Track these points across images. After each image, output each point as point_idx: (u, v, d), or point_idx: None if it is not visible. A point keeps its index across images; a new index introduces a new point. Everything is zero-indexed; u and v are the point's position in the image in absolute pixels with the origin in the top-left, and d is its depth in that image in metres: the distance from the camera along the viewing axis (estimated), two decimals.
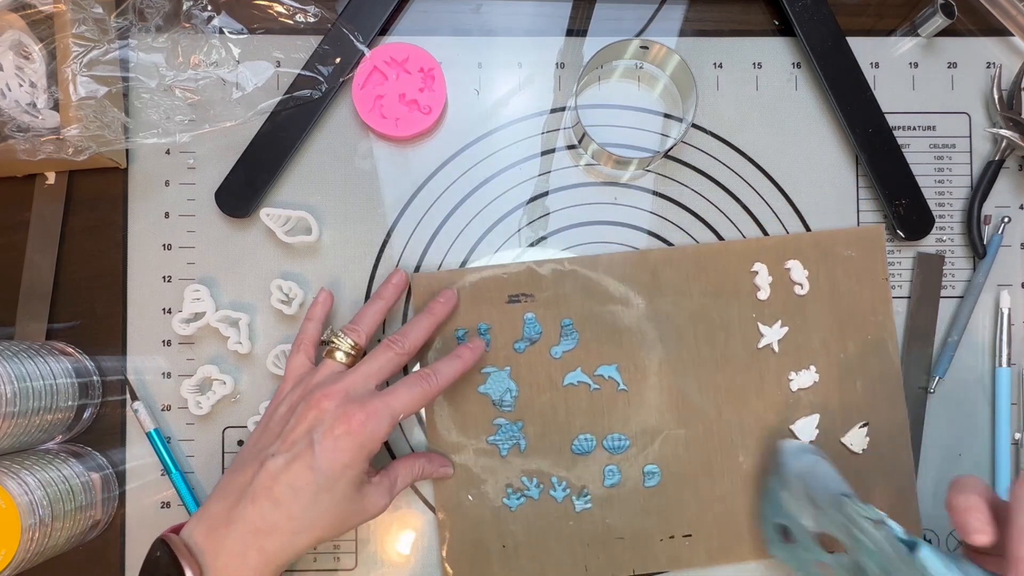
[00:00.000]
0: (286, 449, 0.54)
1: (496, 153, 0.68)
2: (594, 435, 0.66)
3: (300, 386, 0.58)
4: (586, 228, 0.69)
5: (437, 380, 0.58)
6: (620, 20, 0.69)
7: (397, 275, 0.65)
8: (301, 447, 0.54)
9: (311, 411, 0.55)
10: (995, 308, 0.69)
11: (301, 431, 0.55)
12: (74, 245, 0.67)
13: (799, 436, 0.66)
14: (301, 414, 0.55)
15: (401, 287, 0.65)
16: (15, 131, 0.62)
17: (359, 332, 0.60)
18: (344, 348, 0.59)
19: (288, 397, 0.58)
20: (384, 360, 0.58)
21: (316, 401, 0.55)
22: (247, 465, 0.55)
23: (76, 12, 0.61)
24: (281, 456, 0.54)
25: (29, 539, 0.56)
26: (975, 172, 0.70)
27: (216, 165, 0.67)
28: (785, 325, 0.67)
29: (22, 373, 0.58)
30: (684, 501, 0.66)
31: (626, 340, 0.66)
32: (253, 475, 0.54)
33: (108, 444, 0.66)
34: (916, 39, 0.70)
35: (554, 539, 0.66)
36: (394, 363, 0.59)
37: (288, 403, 0.57)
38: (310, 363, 0.60)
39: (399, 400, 0.56)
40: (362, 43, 0.66)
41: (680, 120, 0.69)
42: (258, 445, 0.56)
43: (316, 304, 0.63)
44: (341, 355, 0.59)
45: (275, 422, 0.57)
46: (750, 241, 0.68)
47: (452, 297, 0.65)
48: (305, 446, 0.54)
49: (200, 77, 0.66)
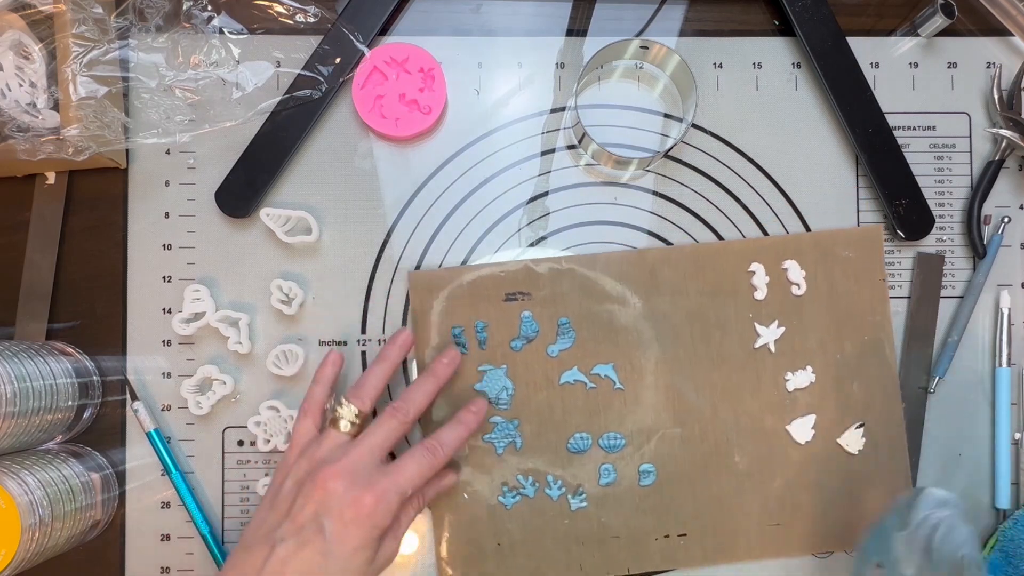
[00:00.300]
0: (294, 532, 0.54)
1: (496, 153, 0.69)
2: (590, 434, 0.66)
3: (304, 458, 0.57)
4: (586, 228, 0.69)
5: (443, 452, 0.58)
6: (620, 20, 0.69)
7: (403, 335, 0.63)
8: (310, 532, 0.54)
9: (317, 491, 0.54)
10: (995, 308, 0.69)
11: (309, 513, 0.54)
12: (74, 245, 0.67)
13: (795, 436, 0.66)
14: (308, 493, 0.55)
15: (407, 347, 0.63)
16: (15, 131, 0.62)
17: (363, 400, 0.59)
18: (348, 418, 0.59)
19: (294, 471, 0.57)
20: (388, 430, 0.58)
21: (322, 481, 0.55)
22: (256, 547, 0.54)
23: (76, 12, 0.61)
24: (291, 540, 0.53)
25: (29, 539, 0.56)
26: (975, 172, 0.70)
27: (216, 165, 0.67)
28: (782, 325, 0.67)
29: (22, 373, 0.58)
30: (679, 500, 0.66)
31: (623, 339, 0.66)
32: (264, 560, 0.53)
33: (108, 444, 0.66)
34: (916, 39, 0.70)
35: (549, 538, 0.66)
36: (398, 432, 0.58)
37: (294, 478, 0.56)
38: (316, 430, 0.60)
39: (406, 478, 0.56)
40: (362, 43, 0.66)
41: (680, 120, 0.69)
42: (266, 524, 0.55)
43: (325, 366, 0.62)
44: (345, 424, 0.58)
45: (281, 499, 0.56)
46: (748, 241, 0.68)
47: (456, 357, 0.64)
48: (314, 531, 0.54)
49: (200, 77, 0.66)
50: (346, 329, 0.67)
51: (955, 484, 0.68)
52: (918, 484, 0.67)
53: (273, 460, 0.67)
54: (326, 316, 0.67)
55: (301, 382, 0.67)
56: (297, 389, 0.67)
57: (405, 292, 0.68)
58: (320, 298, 0.67)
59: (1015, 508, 0.67)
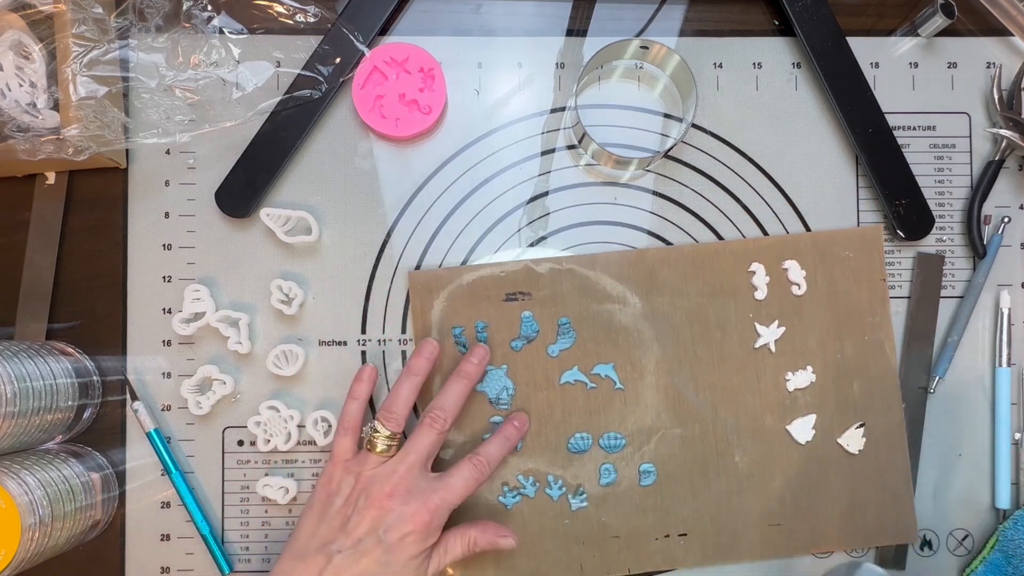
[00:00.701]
0: (352, 545, 0.57)
1: (496, 153, 0.69)
2: (590, 434, 0.66)
3: (351, 476, 0.59)
4: (586, 228, 0.69)
5: (489, 468, 0.61)
6: (620, 20, 0.69)
7: (429, 347, 0.63)
8: (369, 544, 0.57)
9: (372, 509, 0.57)
10: (995, 308, 0.69)
11: (365, 528, 0.57)
12: (74, 245, 0.67)
13: (795, 436, 0.66)
14: (362, 511, 0.57)
15: (434, 359, 0.64)
16: (15, 131, 0.62)
17: (396, 421, 0.60)
18: (384, 441, 0.60)
19: (342, 489, 0.59)
20: (428, 442, 0.60)
21: (377, 500, 0.58)
22: (310, 557, 0.57)
23: (76, 12, 0.61)
24: (349, 552, 0.56)
25: (29, 539, 0.56)
26: (975, 172, 0.70)
27: (216, 165, 0.67)
28: (782, 325, 0.67)
29: (22, 373, 0.58)
30: (680, 500, 0.66)
31: (623, 339, 0.67)
32: (320, 570, 0.56)
33: (108, 444, 0.66)
34: (916, 39, 0.70)
35: (550, 538, 0.66)
36: (438, 442, 0.61)
37: (343, 496, 0.59)
38: (356, 447, 0.61)
39: (455, 493, 0.59)
40: (362, 43, 0.66)
41: (680, 120, 0.69)
42: (318, 536, 0.58)
43: (361, 382, 0.62)
44: (382, 446, 0.60)
45: (332, 515, 0.58)
46: (748, 241, 0.68)
47: (485, 356, 0.64)
48: (373, 543, 0.57)
49: (200, 77, 0.66)
50: (346, 329, 0.67)
51: (955, 484, 0.68)
52: (918, 484, 0.67)
53: (273, 460, 0.67)
54: (326, 316, 0.67)
55: (301, 382, 0.67)
56: (297, 389, 0.67)
57: (405, 292, 0.68)
58: (320, 298, 0.67)
59: (1015, 508, 0.67)
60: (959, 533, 0.68)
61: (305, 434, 0.66)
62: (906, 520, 0.67)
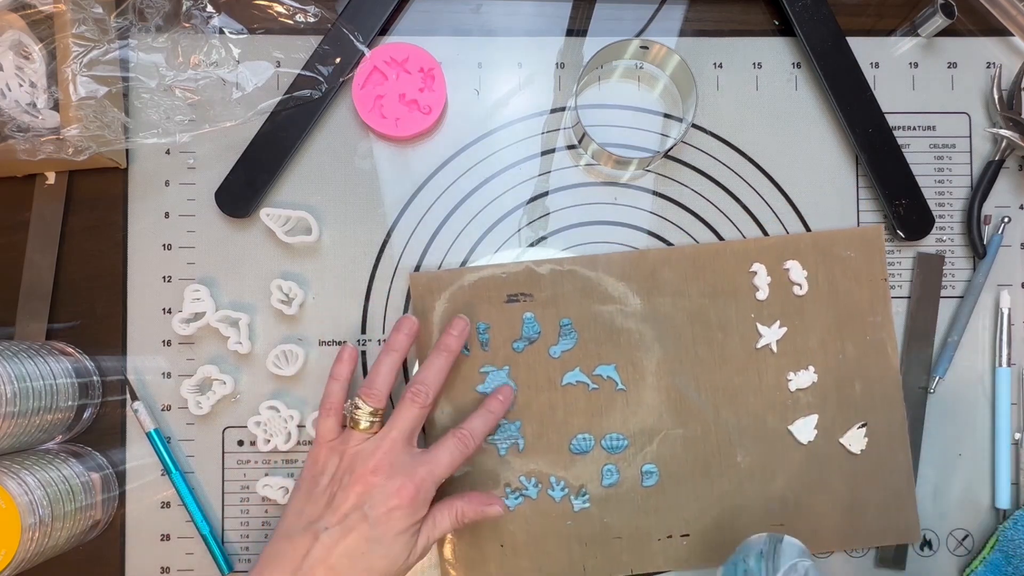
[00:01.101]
0: (338, 521, 0.56)
1: (496, 153, 0.68)
2: (592, 435, 0.66)
3: (336, 455, 0.59)
4: (586, 228, 0.69)
5: (473, 442, 0.61)
6: (620, 20, 0.69)
7: (408, 322, 0.63)
8: (355, 519, 0.56)
9: (357, 485, 0.57)
10: (995, 308, 0.69)
11: (351, 504, 0.57)
12: (74, 245, 0.67)
13: (797, 436, 0.66)
14: (348, 488, 0.57)
15: (414, 334, 0.63)
16: (15, 131, 0.62)
17: (378, 397, 0.60)
18: (366, 417, 0.60)
19: (327, 469, 0.59)
20: (411, 416, 0.60)
21: (361, 476, 0.57)
22: (298, 536, 0.56)
23: (76, 12, 0.61)
24: (335, 528, 0.56)
25: (29, 539, 0.56)
26: (975, 172, 0.70)
27: (216, 165, 0.67)
28: (784, 325, 0.67)
29: (22, 373, 0.58)
30: (682, 501, 0.66)
31: (624, 340, 0.66)
32: (308, 548, 0.56)
33: (108, 444, 0.66)
34: (916, 39, 0.70)
35: (552, 539, 0.66)
36: (421, 417, 0.60)
37: (328, 475, 0.58)
38: (339, 427, 0.61)
39: (441, 467, 0.59)
40: (362, 43, 0.66)
41: (680, 120, 0.69)
42: (304, 515, 0.58)
43: (342, 363, 0.62)
44: (365, 423, 0.59)
45: (318, 494, 0.58)
46: (749, 241, 0.68)
47: (465, 327, 0.64)
48: (359, 519, 0.56)
49: (200, 77, 0.66)
50: (346, 329, 0.67)
51: (955, 484, 0.68)
52: (918, 484, 0.67)
53: (273, 460, 0.67)
54: (326, 316, 0.67)
55: (301, 382, 0.67)
56: (297, 389, 0.67)
57: (405, 292, 0.68)
58: (320, 298, 0.67)
59: (1015, 508, 0.67)
60: (959, 533, 0.68)
61: (305, 434, 0.66)
62: (909, 520, 0.67)
